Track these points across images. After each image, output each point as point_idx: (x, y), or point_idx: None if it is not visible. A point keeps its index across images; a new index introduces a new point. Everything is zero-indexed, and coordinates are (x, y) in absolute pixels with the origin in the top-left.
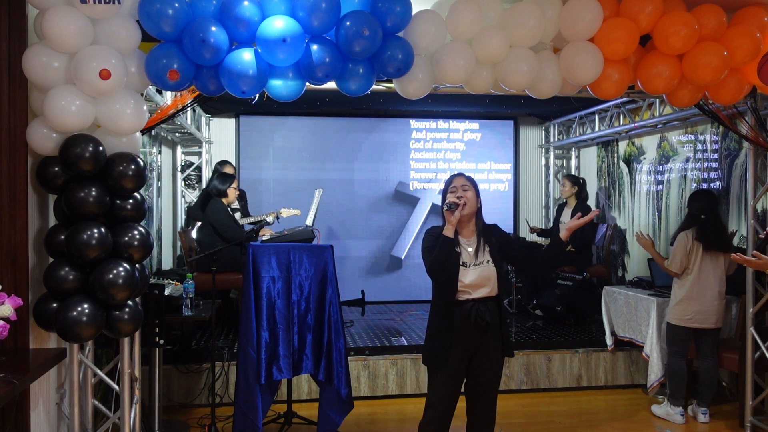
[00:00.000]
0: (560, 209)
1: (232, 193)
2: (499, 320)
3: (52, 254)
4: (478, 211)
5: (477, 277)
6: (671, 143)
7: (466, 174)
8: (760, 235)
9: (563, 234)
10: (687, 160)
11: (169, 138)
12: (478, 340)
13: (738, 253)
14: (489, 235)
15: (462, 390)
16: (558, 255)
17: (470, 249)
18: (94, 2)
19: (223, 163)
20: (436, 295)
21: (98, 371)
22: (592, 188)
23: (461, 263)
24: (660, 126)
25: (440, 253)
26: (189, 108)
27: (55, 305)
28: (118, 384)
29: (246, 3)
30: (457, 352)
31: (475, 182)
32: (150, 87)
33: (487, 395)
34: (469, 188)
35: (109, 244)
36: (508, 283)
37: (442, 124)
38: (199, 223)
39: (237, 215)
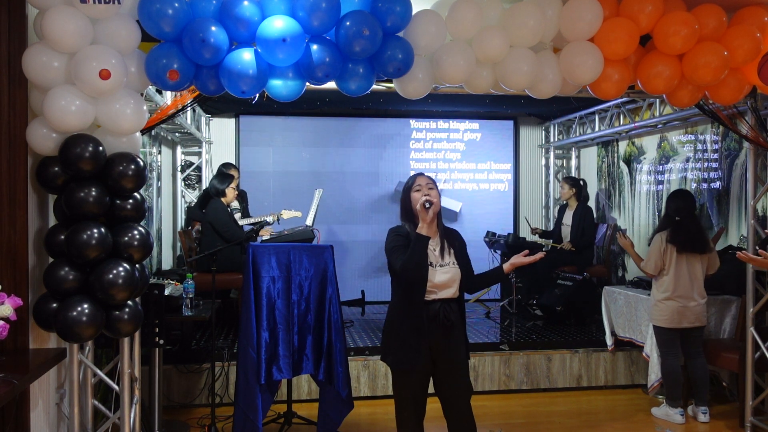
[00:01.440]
0: (562, 210)
1: (230, 192)
2: (461, 321)
3: (52, 254)
4: (440, 212)
5: (444, 277)
6: (671, 143)
7: (427, 174)
8: (764, 235)
9: (506, 267)
10: (687, 160)
11: (169, 138)
12: (443, 341)
13: (744, 252)
14: (452, 238)
15: (431, 391)
16: (493, 283)
17: (436, 250)
18: (94, 2)
19: (228, 165)
20: (402, 296)
21: (98, 371)
22: (592, 188)
23: (429, 263)
24: (660, 126)
25: (415, 253)
26: (189, 108)
27: (55, 305)
28: (118, 384)
29: (246, 3)
30: (425, 351)
31: (436, 182)
32: (150, 87)
33: (461, 397)
34: (433, 187)
35: (109, 244)
36: (508, 283)
37: (442, 124)
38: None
39: (237, 216)
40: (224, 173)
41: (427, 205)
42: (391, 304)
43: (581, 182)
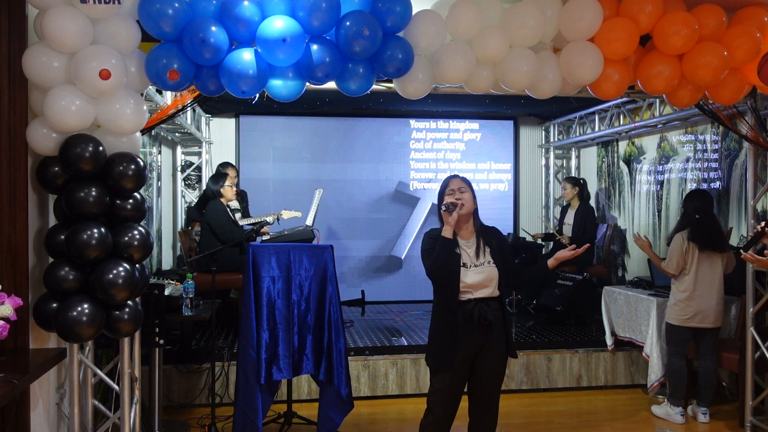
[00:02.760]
0: (564, 211)
1: (227, 191)
2: (502, 320)
3: (52, 254)
4: (475, 212)
5: (478, 278)
6: (671, 143)
7: (461, 176)
8: (752, 231)
9: (551, 263)
10: (687, 160)
11: (169, 138)
12: (482, 340)
13: (750, 252)
14: (489, 236)
15: (464, 390)
16: (538, 278)
17: (470, 250)
18: (94, 2)
19: (225, 164)
20: (438, 297)
21: (98, 371)
22: (592, 188)
23: (462, 264)
24: (660, 126)
25: (440, 255)
26: (189, 108)
27: (55, 305)
28: (118, 384)
29: (246, 3)
30: (462, 352)
31: (471, 184)
32: (150, 87)
33: (489, 395)
34: (465, 190)
35: (109, 244)
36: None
37: (442, 124)
38: (199, 225)
39: (237, 216)
40: (219, 173)
41: (445, 207)
42: (433, 305)
43: (581, 181)
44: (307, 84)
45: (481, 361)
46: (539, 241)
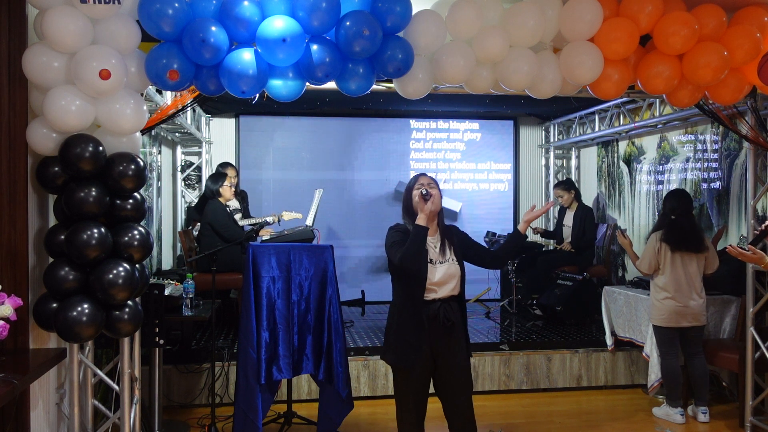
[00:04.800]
0: (562, 212)
1: (226, 190)
2: (462, 320)
3: (52, 254)
4: (440, 212)
5: (444, 274)
6: (671, 143)
7: (430, 174)
8: (756, 231)
9: (521, 227)
10: (687, 160)
11: (169, 138)
12: (444, 340)
13: (732, 245)
14: (450, 234)
15: (432, 391)
16: (516, 246)
17: (436, 247)
18: (94, 2)
19: (224, 165)
20: (402, 293)
21: (98, 371)
22: (592, 188)
23: (429, 260)
24: (660, 126)
25: (413, 244)
26: (189, 108)
27: (55, 305)
28: (118, 384)
29: (246, 3)
30: (426, 351)
31: (438, 183)
32: (150, 87)
33: (461, 396)
34: (434, 186)
35: (109, 244)
36: (509, 283)
37: (442, 124)
38: (199, 225)
39: (237, 216)
40: (218, 172)
41: (424, 192)
42: (392, 303)
43: (571, 182)
44: (307, 84)
45: (444, 362)
46: (539, 236)
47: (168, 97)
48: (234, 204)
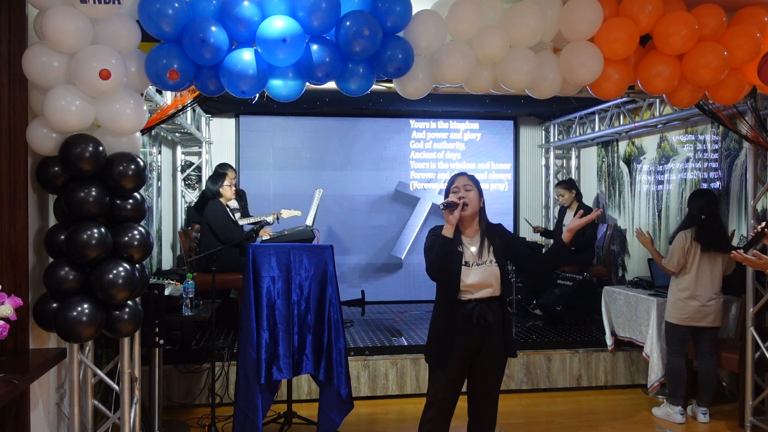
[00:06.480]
0: (562, 212)
1: (226, 190)
2: (501, 320)
3: (52, 254)
4: (482, 210)
5: (479, 277)
6: (671, 143)
7: (469, 173)
8: (752, 232)
9: (565, 236)
10: (687, 160)
11: (169, 138)
12: (480, 341)
13: (738, 251)
14: (493, 234)
15: (463, 390)
16: (560, 257)
17: (473, 249)
18: (94, 2)
19: (223, 165)
20: (439, 295)
21: (98, 371)
22: (592, 188)
23: (464, 263)
24: (660, 126)
25: (439, 254)
26: (189, 108)
27: (55, 305)
28: (118, 384)
29: (246, 3)
30: (459, 352)
31: (478, 181)
32: (150, 87)
33: (488, 395)
34: (471, 188)
35: (109, 244)
36: (509, 283)
37: (442, 124)
38: (199, 226)
39: (237, 215)
40: (217, 173)
41: (444, 206)
42: (434, 303)
43: (573, 182)
44: (307, 84)
45: (480, 361)
46: (540, 234)
47: (168, 97)
48: (233, 204)
